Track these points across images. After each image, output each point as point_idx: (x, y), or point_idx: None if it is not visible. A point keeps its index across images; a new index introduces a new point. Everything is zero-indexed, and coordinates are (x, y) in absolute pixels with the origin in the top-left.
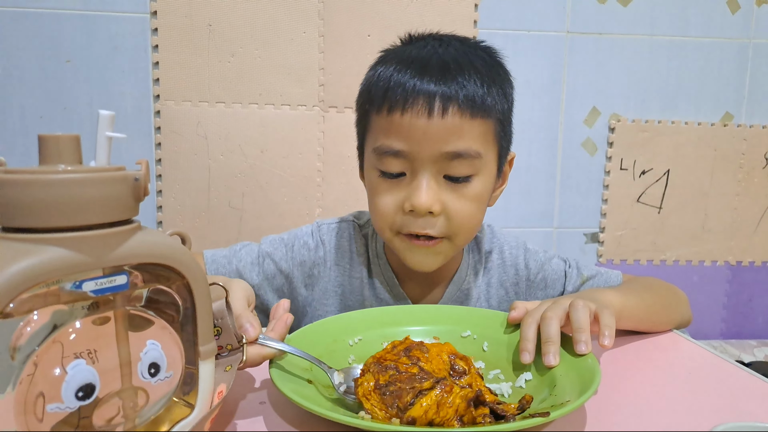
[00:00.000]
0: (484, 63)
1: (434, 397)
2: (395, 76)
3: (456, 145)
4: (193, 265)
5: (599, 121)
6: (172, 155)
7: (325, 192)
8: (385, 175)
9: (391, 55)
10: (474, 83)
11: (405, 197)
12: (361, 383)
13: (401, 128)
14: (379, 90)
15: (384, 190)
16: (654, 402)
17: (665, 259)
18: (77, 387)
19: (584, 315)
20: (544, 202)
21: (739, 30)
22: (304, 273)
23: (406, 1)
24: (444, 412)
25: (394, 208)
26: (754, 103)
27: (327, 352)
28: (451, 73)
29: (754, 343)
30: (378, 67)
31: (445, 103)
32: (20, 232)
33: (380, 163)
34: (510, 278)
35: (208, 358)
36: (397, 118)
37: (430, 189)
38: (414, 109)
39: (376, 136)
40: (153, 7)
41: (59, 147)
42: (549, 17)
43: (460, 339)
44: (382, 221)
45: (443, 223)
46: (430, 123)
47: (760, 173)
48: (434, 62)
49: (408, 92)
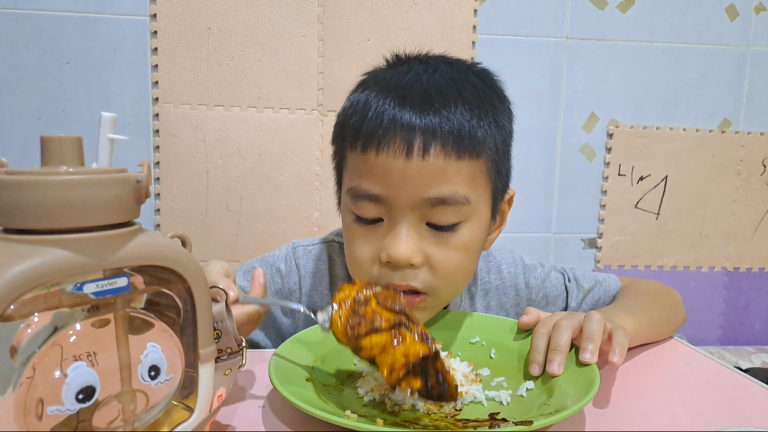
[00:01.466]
0: (475, 91)
1: (384, 338)
2: (373, 107)
3: (439, 190)
4: (194, 268)
5: (598, 126)
6: (170, 158)
7: (323, 196)
8: (361, 221)
9: (371, 80)
10: (462, 115)
11: (382, 247)
12: (343, 288)
13: (376, 169)
14: (354, 123)
15: (359, 236)
16: (653, 407)
17: (663, 264)
18: (77, 389)
19: (598, 327)
20: (542, 207)
21: (738, 37)
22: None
23: (406, 6)
24: (384, 357)
25: (370, 257)
26: (753, 110)
27: (333, 351)
28: (434, 104)
29: (752, 349)
30: (356, 93)
31: (427, 140)
32: (22, 234)
33: (355, 206)
34: (510, 299)
35: (208, 361)
36: (372, 157)
37: (410, 238)
38: (391, 148)
39: (351, 175)
40: (153, 9)
41: (62, 148)
42: (548, 23)
43: (468, 345)
44: (358, 272)
45: (426, 276)
46: (408, 164)
47: (758, 180)
48: (416, 90)
49: (384, 127)
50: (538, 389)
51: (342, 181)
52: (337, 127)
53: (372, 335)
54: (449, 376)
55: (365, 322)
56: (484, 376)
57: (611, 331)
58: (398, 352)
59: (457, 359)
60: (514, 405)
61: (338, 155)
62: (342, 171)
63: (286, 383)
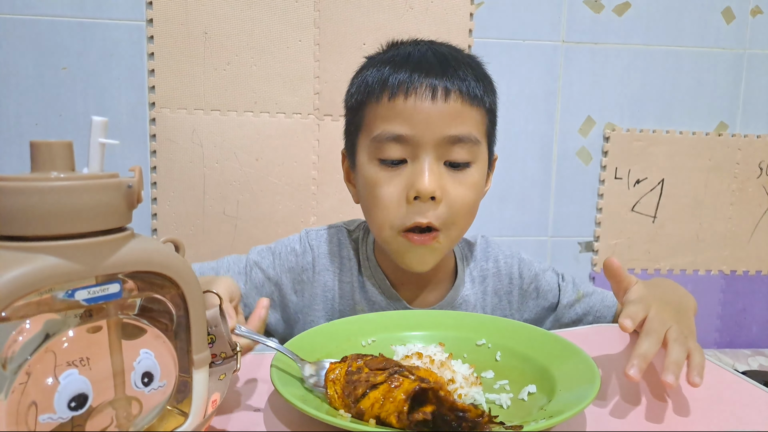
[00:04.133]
0: (472, 61)
1: (382, 390)
2: (393, 71)
3: (458, 129)
4: (187, 273)
5: (594, 130)
6: (167, 163)
7: (320, 200)
8: (385, 163)
9: (379, 58)
10: (470, 75)
11: (408, 185)
12: (333, 369)
13: (404, 112)
14: (377, 82)
15: (384, 180)
16: (651, 409)
17: (659, 268)
18: (70, 397)
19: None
20: (538, 211)
21: (734, 40)
22: (292, 279)
23: (402, 10)
24: (387, 406)
25: (396, 198)
26: (749, 113)
27: (339, 351)
28: (451, 66)
29: (749, 352)
30: (368, 69)
31: (447, 87)
32: (12, 240)
33: (380, 151)
34: (504, 287)
35: (202, 366)
36: (400, 102)
37: (433, 174)
38: (418, 93)
39: (374, 125)
40: (149, 14)
41: (52, 154)
42: (544, 27)
43: (474, 347)
44: (383, 216)
45: (443, 211)
46: (433, 106)
47: (755, 183)
48: (431, 57)
49: (410, 80)
50: (539, 393)
51: (358, 141)
52: (357, 89)
53: (370, 393)
54: (461, 404)
55: (361, 384)
56: (488, 378)
57: (689, 350)
58: (398, 395)
59: (459, 361)
60: (514, 408)
61: (355, 117)
62: (359, 131)
63: (287, 385)
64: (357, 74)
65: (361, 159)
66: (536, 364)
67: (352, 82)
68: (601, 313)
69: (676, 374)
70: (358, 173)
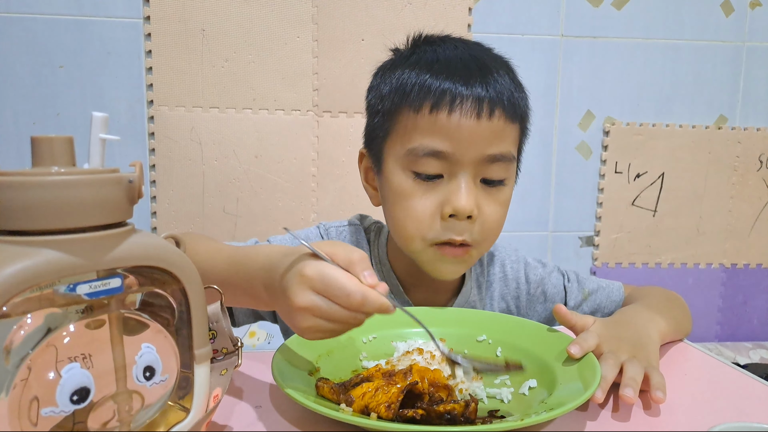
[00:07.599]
0: (504, 63)
1: (375, 384)
2: (433, 78)
3: (498, 147)
4: (188, 268)
5: (594, 124)
6: (166, 161)
7: (319, 197)
8: (420, 177)
9: (413, 58)
10: (509, 84)
11: (443, 201)
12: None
13: (446, 128)
14: (416, 89)
15: (418, 193)
16: (653, 404)
17: (660, 262)
18: (72, 390)
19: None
20: (539, 205)
21: (733, 33)
22: None
23: (400, 6)
24: (379, 396)
25: (430, 213)
26: (749, 106)
27: (339, 347)
28: (492, 74)
29: (749, 345)
30: (400, 69)
31: (492, 104)
32: (13, 235)
33: (415, 164)
34: (511, 292)
35: (204, 361)
36: (443, 117)
37: (470, 192)
38: (463, 110)
39: (411, 136)
40: (146, 12)
41: (52, 149)
42: (543, 21)
43: (475, 343)
44: (415, 228)
45: (477, 229)
46: (478, 124)
47: (755, 176)
48: (471, 64)
49: (456, 93)
50: (540, 387)
51: (385, 146)
52: (394, 92)
53: (363, 384)
54: (450, 406)
55: (354, 380)
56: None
57: (647, 373)
58: (392, 388)
59: (459, 356)
60: (515, 403)
61: (386, 122)
62: (387, 136)
63: (289, 379)
64: (386, 71)
65: (389, 166)
66: (537, 359)
67: (381, 80)
68: (608, 309)
69: (634, 388)
70: (385, 179)
